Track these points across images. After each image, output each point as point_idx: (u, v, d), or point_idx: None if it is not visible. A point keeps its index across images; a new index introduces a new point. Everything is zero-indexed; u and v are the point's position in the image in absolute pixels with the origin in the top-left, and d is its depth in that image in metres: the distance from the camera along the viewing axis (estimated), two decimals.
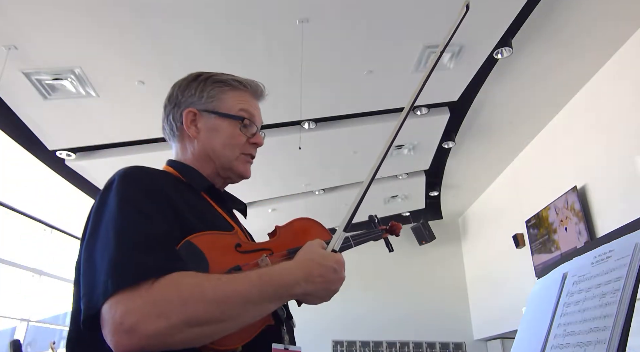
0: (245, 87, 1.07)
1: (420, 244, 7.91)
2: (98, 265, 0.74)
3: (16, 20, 3.08)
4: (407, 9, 3.31)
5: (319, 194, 6.29)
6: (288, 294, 0.81)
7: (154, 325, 0.68)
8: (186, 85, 1.06)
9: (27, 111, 3.97)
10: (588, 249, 0.85)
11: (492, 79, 4.31)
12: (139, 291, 0.70)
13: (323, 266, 0.84)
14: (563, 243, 4.93)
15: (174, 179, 0.98)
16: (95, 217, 0.82)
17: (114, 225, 0.77)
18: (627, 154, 4.02)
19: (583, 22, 3.72)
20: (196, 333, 0.71)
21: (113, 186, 0.84)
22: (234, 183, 1.10)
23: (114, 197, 0.81)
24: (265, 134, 1.12)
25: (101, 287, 0.71)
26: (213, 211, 0.98)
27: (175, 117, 1.05)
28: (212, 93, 1.03)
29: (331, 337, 7.71)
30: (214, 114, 1.02)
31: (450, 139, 5.28)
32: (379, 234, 1.29)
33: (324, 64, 3.83)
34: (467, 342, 7.73)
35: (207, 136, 1.02)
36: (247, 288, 0.75)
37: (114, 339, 0.69)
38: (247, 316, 0.76)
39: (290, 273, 0.81)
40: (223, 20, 3.26)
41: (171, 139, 1.08)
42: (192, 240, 0.80)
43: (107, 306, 0.69)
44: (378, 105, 4.55)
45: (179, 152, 1.06)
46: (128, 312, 0.68)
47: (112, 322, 0.69)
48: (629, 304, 0.67)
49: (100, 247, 0.77)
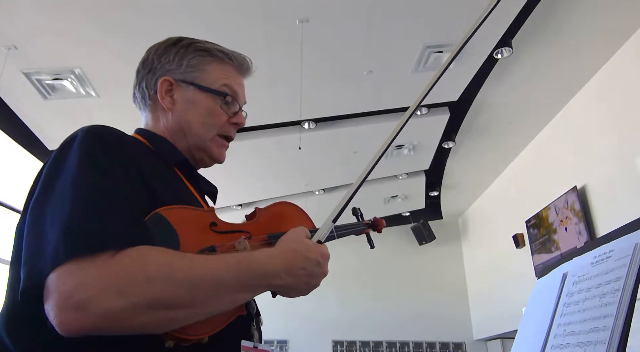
0: (231, 60, 0.96)
1: (420, 244, 7.91)
2: (47, 228, 0.64)
3: (16, 21, 3.07)
4: (407, 9, 3.31)
5: (319, 194, 6.29)
6: (266, 285, 0.73)
7: (109, 303, 0.58)
8: (164, 50, 0.94)
9: (27, 111, 3.97)
10: (588, 249, 0.85)
11: (492, 79, 4.31)
12: (95, 262, 0.60)
13: (307, 259, 0.77)
14: (563, 243, 4.93)
15: (144, 147, 0.87)
16: (49, 174, 0.71)
17: (72, 183, 0.67)
18: (627, 154, 4.02)
19: (583, 21, 3.72)
20: (158, 317, 0.62)
21: (75, 141, 0.73)
22: (207, 167, 1.00)
23: (75, 154, 0.71)
24: (246, 113, 1.02)
25: (50, 253, 0.61)
26: (184, 188, 0.88)
27: (149, 84, 0.93)
28: (193, 62, 0.93)
29: (331, 337, 7.71)
30: (193, 86, 0.92)
31: (450, 139, 5.28)
32: (362, 228, 1.23)
33: (324, 64, 3.83)
34: (467, 342, 7.72)
35: (183, 109, 0.92)
36: (223, 273, 0.67)
37: (58, 316, 0.58)
38: (218, 304, 0.68)
39: (271, 262, 0.73)
40: (223, 20, 3.26)
41: (142, 107, 0.96)
42: (162, 213, 0.71)
43: (55, 276, 0.59)
44: (378, 105, 4.55)
45: (150, 123, 0.95)
46: (80, 285, 0.58)
47: (58, 295, 0.58)
48: (629, 304, 0.67)
49: (52, 208, 0.66)
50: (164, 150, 0.89)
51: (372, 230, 1.29)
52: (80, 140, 0.73)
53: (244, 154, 4.86)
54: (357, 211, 1.26)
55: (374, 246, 1.29)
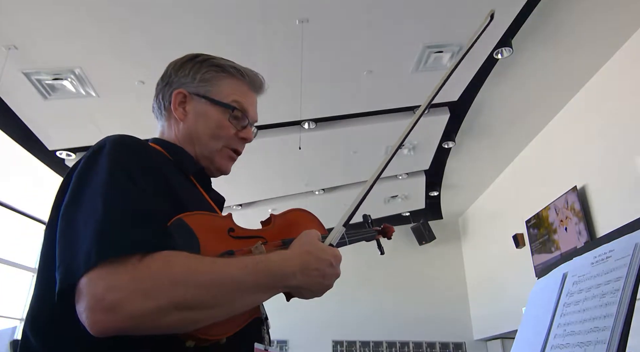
0: (243, 77, 1.01)
1: (420, 244, 7.92)
2: (81, 232, 0.67)
3: (16, 21, 3.07)
4: (407, 9, 3.31)
5: (319, 194, 6.29)
6: (282, 285, 0.76)
7: (139, 305, 0.62)
8: (180, 65, 1.00)
9: (27, 111, 3.97)
10: (588, 249, 0.85)
11: (492, 79, 4.31)
12: (125, 266, 0.63)
13: (320, 259, 0.80)
14: (563, 243, 4.93)
15: (163, 156, 0.91)
16: (80, 181, 0.75)
17: (103, 191, 0.70)
18: (627, 154, 4.02)
19: (583, 21, 3.72)
20: (183, 318, 0.65)
21: (104, 150, 0.77)
22: (212, 177, 1.03)
23: (105, 162, 0.74)
24: (257, 130, 1.07)
25: (83, 256, 0.64)
26: (201, 197, 0.93)
27: (165, 96, 0.99)
28: (207, 77, 0.97)
29: (331, 337, 7.71)
30: (205, 99, 0.96)
31: (450, 139, 5.28)
32: (372, 234, 1.26)
33: (324, 64, 3.83)
34: (467, 342, 7.73)
35: (194, 120, 0.96)
36: (242, 275, 0.71)
37: (91, 317, 0.61)
38: (239, 304, 0.71)
39: (287, 264, 0.77)
40: (223, 20, 3.26)
41: (158, 117, 1.02)
42: (184, 218, 0.74)
43: (87, 279, 0.62)
44: (378, 105, 4.55)
45: (165, 132, 1.00)
46: (112, 288, 0.61)
47: (91, 297, 0.61)
48: (629, 304, 0.67)
49: (84, 213, 0.69)
50: (183, 160, 0.93)
51: (383, 236, 1.31)
52: (110, 149, 0.76)
53: (244, 154, 4.82)
54: (368, 217, 1.30)
55: (384, 252, 1.33)
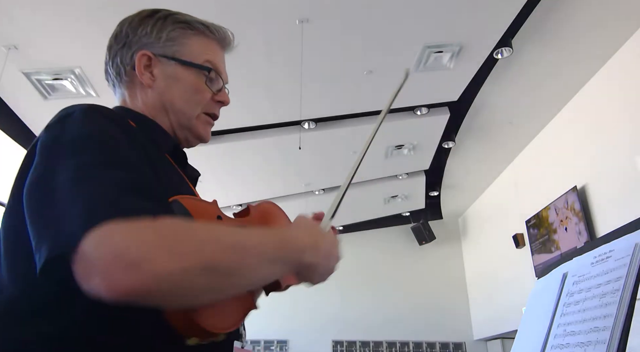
0: (212, 34, 0.91)
1: (420, 244, 7.92)
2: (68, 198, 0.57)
3: (16, 21, 3.07)
4: (407, 9, 3.31)
5: (319, 194, 6.29)
6: (297, 260, 0.69)
7: (164, 263, 0.51)
8: (139, 23, 0.87)
9: (27, 111, 3.97)
10: (588, 249, 0.85)
11: (492, 79, 4.32)
12: (140, 223, 0.53)
13: (324, 238, 0.74)
14: (563, 243, 4.93)
15: (135, 129, 0.77)
16: (50, 150, 0.64)
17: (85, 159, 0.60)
18: (627, 154, 4.02)
19: (583, 21, 3.72)
20: (209, 282, 0.56)
21: (74, 116, 0.67)
22: (191, 147, 0.93)
23: (80, 128, 0.64)
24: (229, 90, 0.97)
25: (80, 218, 0.53)
26: (178, 176, 0.82)
27: (124, 59, 0.87)
28: (173, 35, 0.86)
29: (331, 337, 7.71)
30: (174, 61, 0.85)
31: (450, 139, 5.28)
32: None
33: (324, 64, 3.83)
34: (467, 342, 7.73)
35: (165, 86, 0.85)
36: (265, 240, 0.64)
37: (107, 277, 0.50)
38: (260, 273, 0.64)
39: (298, 239, 0.70)
40: (223, 20, 3.24)
41: (117, 84, 0.89)
42: (181, 201, 0.68)
43: (96, 236, 0.51)
44: (378, 105, 4.55)
45: (127, 100, 0.88)
46: (133, 242, 0.51)
47: (108, 253, 0.50)
48: (629, 304, 0.67)
49: (66, 185, 0.58)
50: (157, 136, 0.83)
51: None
52: (83, 116, 0.67)
53: (244, 154, 4.86)
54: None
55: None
